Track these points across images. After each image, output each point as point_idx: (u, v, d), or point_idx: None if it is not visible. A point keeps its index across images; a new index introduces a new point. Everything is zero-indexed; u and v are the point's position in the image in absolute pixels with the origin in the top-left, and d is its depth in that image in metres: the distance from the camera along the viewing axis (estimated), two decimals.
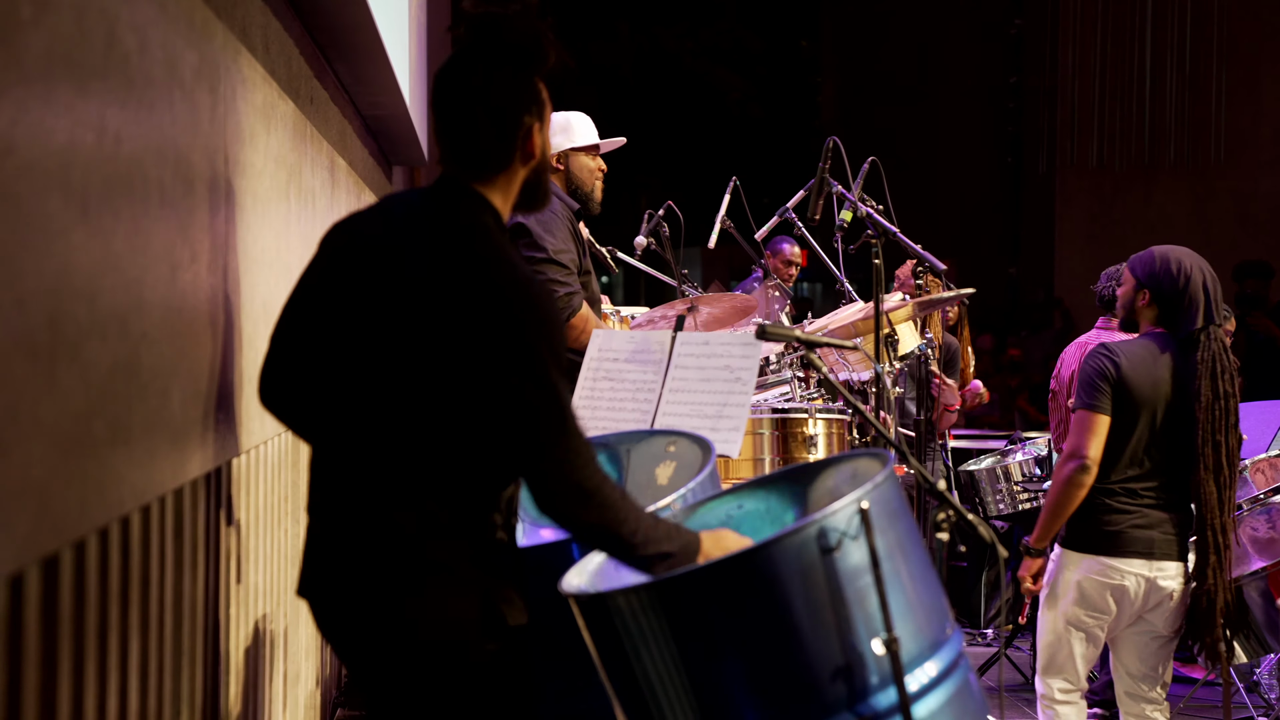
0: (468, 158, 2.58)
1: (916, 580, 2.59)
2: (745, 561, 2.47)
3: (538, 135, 2.60)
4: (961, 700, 2.59)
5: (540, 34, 2.57)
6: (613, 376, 3.53)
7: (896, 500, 2.60)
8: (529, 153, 2.60)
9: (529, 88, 2.58)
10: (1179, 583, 4.01)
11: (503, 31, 2.54)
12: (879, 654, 2.47)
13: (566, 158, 4.62)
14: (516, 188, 2.62)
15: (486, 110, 2.55)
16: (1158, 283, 4.03)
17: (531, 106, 2.58)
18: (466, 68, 2.56)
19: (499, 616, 2.50)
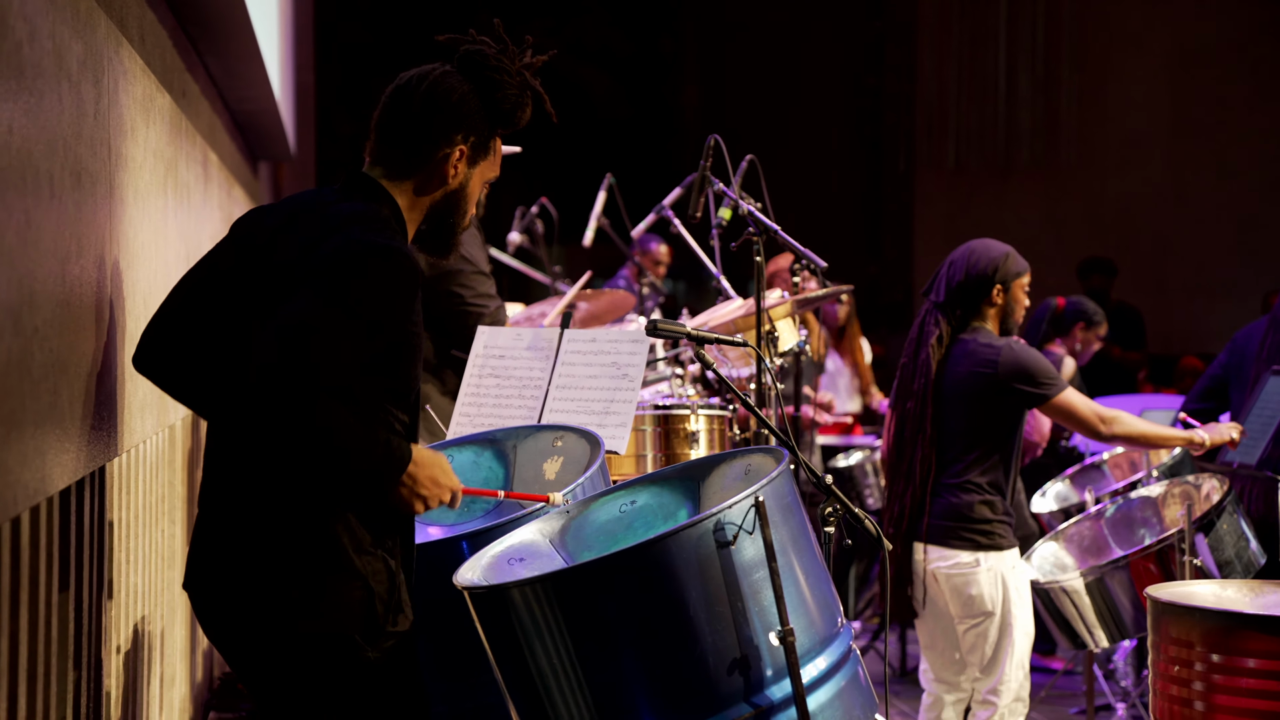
0: (384, 153, 2.61)
1: (809, 574, 2.63)
2: (642, 554, 2.49)
3: (459, 165, 2.61)
4: (852, 693, 2.64)
5: (522, 104, 2.63)
6: (499, 373, 3.52)
7: (790, 495, 2.64)
8: (443, 174, 2.60)
9: (473, 122, 2.60)
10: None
11: (491, 80, 2.59)
12: (774, 646, 2.50)
13: None
14: (424, 206, 2.63)
15: (417, 113, 2.59)
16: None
17: (465, 137, 2.60)
18: (427, 77, 2.60)
19: (385, 611, 2.49)
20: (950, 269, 4.28)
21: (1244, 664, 3.28)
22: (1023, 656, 4.15)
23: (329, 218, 2.52)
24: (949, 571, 4.14)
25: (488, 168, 2.68)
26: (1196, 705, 3.35)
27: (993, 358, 4.15)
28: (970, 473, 4.15)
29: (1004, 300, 4.23)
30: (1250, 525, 4.41)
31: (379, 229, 2.50)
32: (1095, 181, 14.14)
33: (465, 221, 2.69)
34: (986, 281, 4.22)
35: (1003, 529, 4.15)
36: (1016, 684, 4.14)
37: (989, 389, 4.14)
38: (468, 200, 2.67)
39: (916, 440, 4.25)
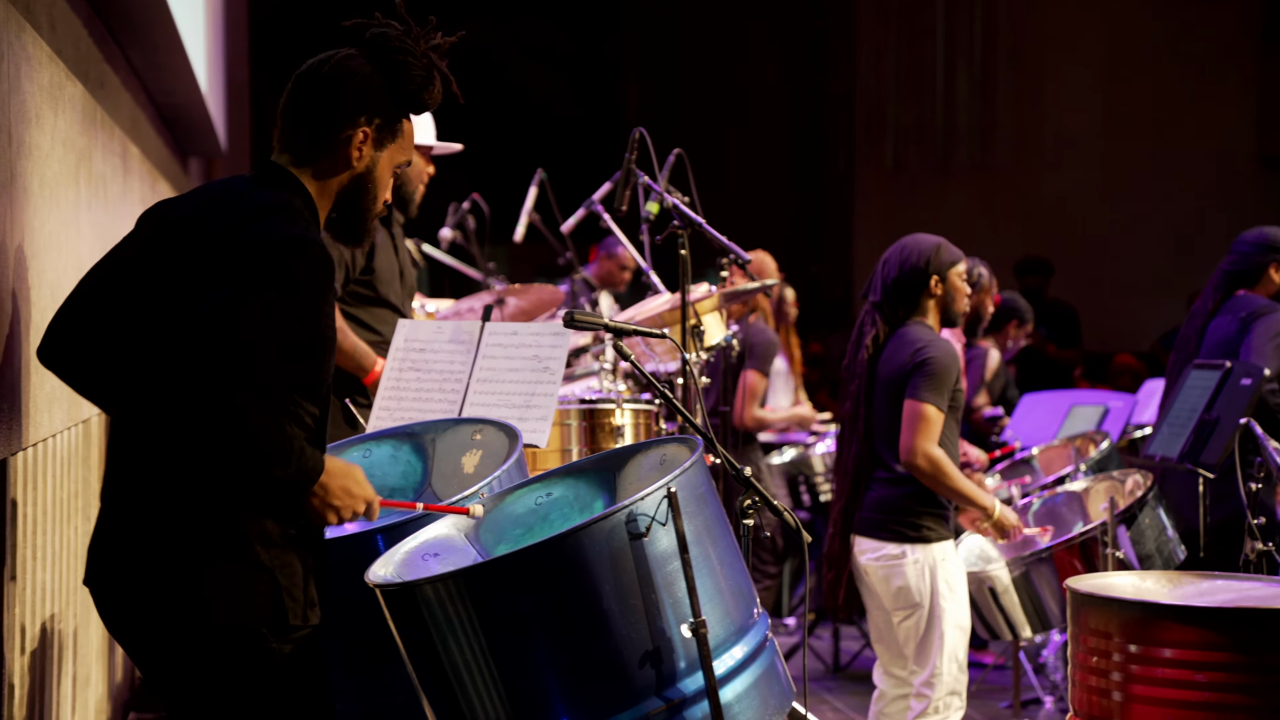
0: (289, 139, 2.57)
1: (724, 565, 2.61)
2: (554, 548, 2.47)
3: (364, 148, 2.57)
4: (768, 683, 2.63)
5: (427, 85, 2.59)
6: (419, 367, 3.49)
7: (704, 486, 2.62)
8: (346, 157, 2.57)
9: (377, 104, 2.57)
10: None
11: (395, 61, 2.56)
12: (687, 638, 2.49)
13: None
14: (333, 191, 2.60)
15: (319, 96, 2.56)
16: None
17: (370, 119, 2.57)
18: (330, 60, 2.58)
19: (294, 606, 2.45)
20: (885, 267, 4.28)
21: (1161, 654, 3.29)
22: (955, 649, 4.14)
23: (242, 209, 2.48)
24: (876, 563, 4.15)
25: (397, 151, 2.64)
26: (1114, 695, 3.36)
27: (913, 351, 4.15)
28: (900, 466, 4.15)
29: (943, 291, 4.22)
30: (1172, 519, 4.45)
31: (293, 220, 2.47)
32: (1032, 180, 14.25)
33: (377, 207, 2.65)
34: (921, 274, 4.21)
35: (932, 522, 4.14)
36: (950, 677, 4.13)
37: (902, 375, 4.15)
38: (377, 185, 2.63)
39: (853, 439, 4.26)
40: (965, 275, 4.30)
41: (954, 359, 4.17)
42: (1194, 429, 4.24)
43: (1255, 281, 4.94)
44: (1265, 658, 3.16)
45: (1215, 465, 4.11)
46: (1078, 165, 14.17)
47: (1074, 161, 14.17)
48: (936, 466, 4.07)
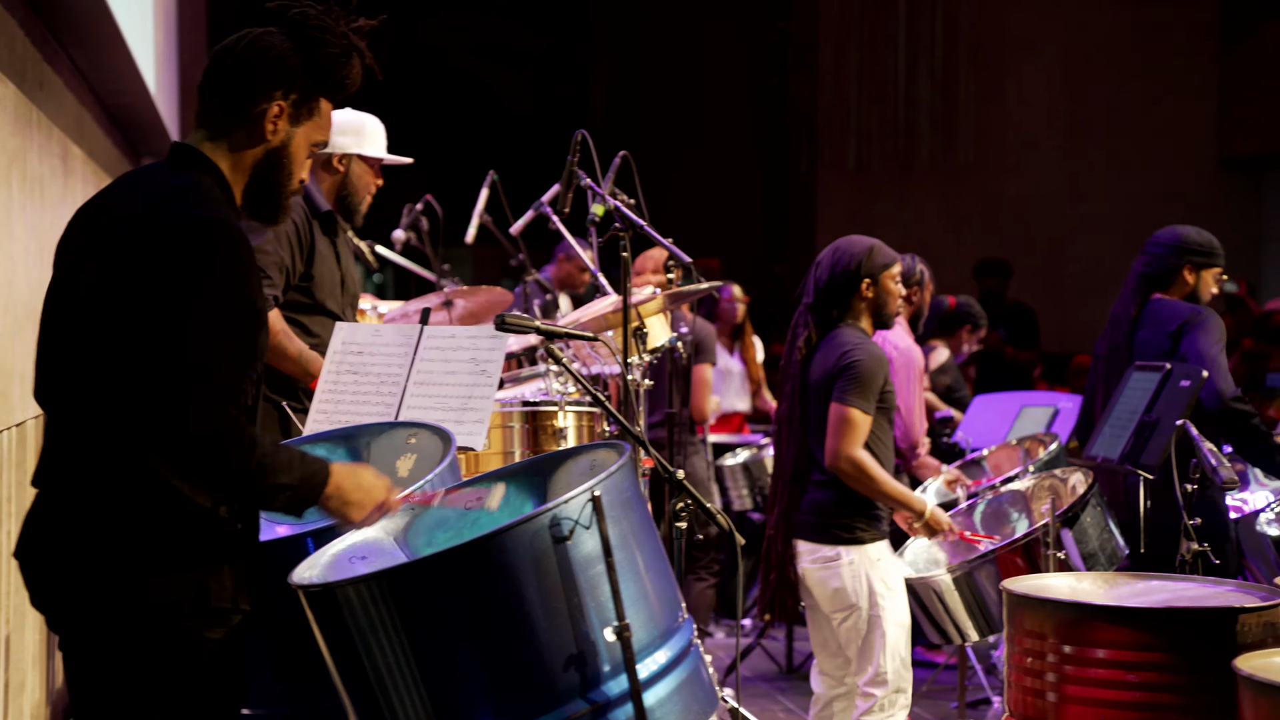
0: (206, 114, 2.58)
1: (649, 569, 2.62)
2: (476, 551, 2.47)
3: (279, 122, 2.58)
4: (691, 688, 2.63)
5: (344, 63, 2.61)
6: (356, 370, 3.48)
7: (631, 490, 2.62)
8: (260, 131, 2.57)
9: (293, 79, 2.58)
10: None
11: (312, 39, 2.58)
12: (611, 642, 2.49)
13: (350, 161, 4.41)
14: (247, 166, 2.60)
15: (233, 72, 2.56)
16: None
17: (285, 94, 2.57)
18: (247, 36, 2.59)
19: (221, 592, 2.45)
20: (817, 270, 4.30)
21: (1094, 654, 3.31)
22: (897, 648, 4.15)
23: (149, 194, 2.49)
24: (813, 565, 4.17)
25: (313, 129, 2.64)
26: (1049, 696, 3.38)
27: (839, 355, 4.17)
28: None
29: (875, 293, 4.25)
30: (1114, 518, 4.47)
31: (201, 200, 2.47)
32: (993, 182, 14.31)
33: (292, 184, 2.65)
34: (853, 277, 4.23)
35: (865, 522, 4.16)
36: (895, 675, 4.15)
37: (830, 378, 4.17)
38: (292, 161, 2.63)
39: (790, 441, 4.28)
40: (899, 278, 4.31)
41: (881, 362, 4.19)
42: (1134, 430, 4.26)
43: (1169, 283, 4.91)
44: (1194, 657, 3.18)
45: (1155, 466, 4.14)
46: (1039, 166, 14.24)
47: (1035, 163, 14.24)
48: (860, 470, 4.09)
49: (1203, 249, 4.91)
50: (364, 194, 4.44)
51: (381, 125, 4.50)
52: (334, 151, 4.34)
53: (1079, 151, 14.21)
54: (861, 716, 4.12)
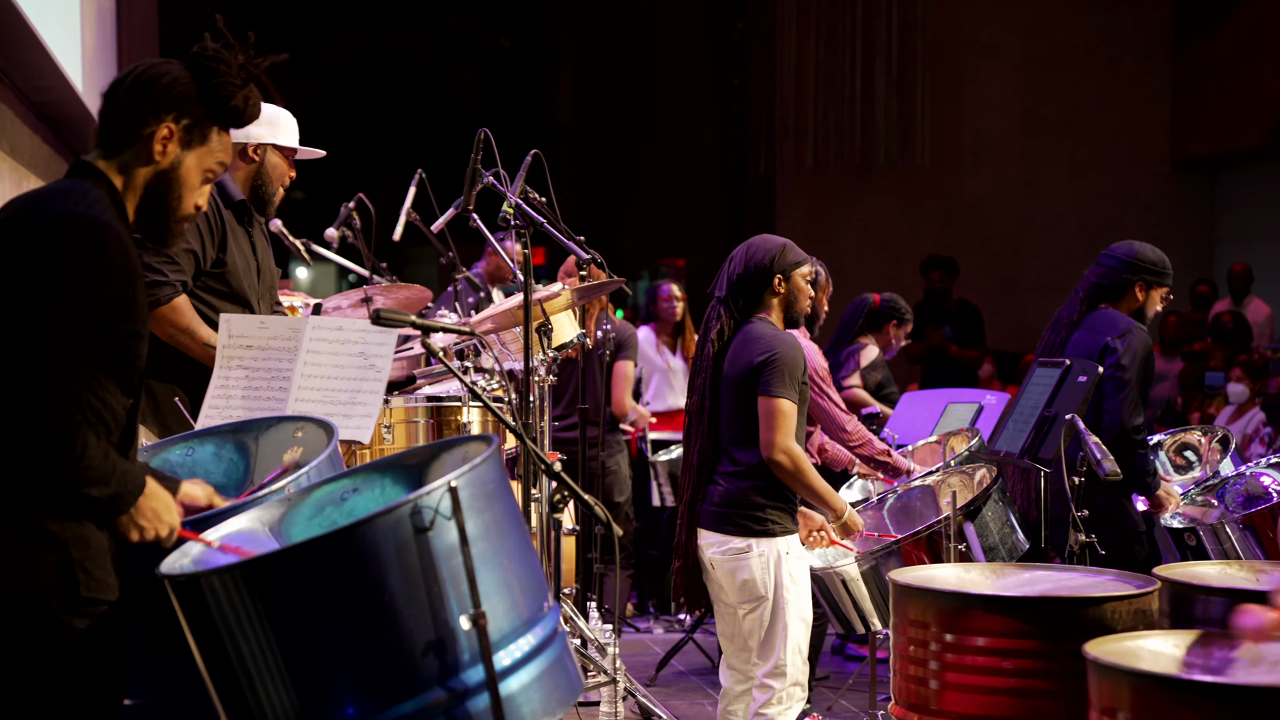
0: (101, 134, 2.68)
1: (513, 558, 2.67)
2: (339, 540, 2.52)
3: (169, 145, 2.68)
4: (554, 675, 2.68)
5: (238, 93, 2.72)
6: (246, 364, 3.53)
7: (496, 481, 2.68)
8: (149, 151, 2.67)
9: (185, 105, 2.68)
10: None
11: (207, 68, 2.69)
12: (469, 630, 2.54)
13: (264, 152, 4.47)
14: (139, 187, 2.70)
15: (128, 94, 2.68)
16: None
17: (177, 118, 2.68)
18: (147, 63, 2.71)
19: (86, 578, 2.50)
20: (731, 265, 4.36)
21: (974, 642, 3.39)
22: (799, 642, 4.21)
23: (33, 195, 2.58)
24: (722, 556, 4.22)
25: (205, 155, 2.74)
26: (931, 684, 3.45)
27: (761, 347, 4.22)
28: (746, 460, 4.22)
29: (786, 290, 4.30)
30: (1015, 512, 4.55)
31: (79, 200, 2.55)
32: (950, 182, 14.39)
33: (182, 208, 2.73)
34: (765, 273, 4.29)
35: (776, 515, 4.21)
36: (794, 669, 4.21)
37: (754, 377, 4.22)
38: (182, 185, 2.73)
39: (699, 433, 4.32)
40: (809, 277, 4.38)
41: (800, 352, 4.25)
42: (1034, 425, 4.34)
43: (1119, 297, 5.03)
44: (1066, 645, 3.25)
45: (1051, 461, 4.21)
46: (996, 166, 14.32)
47: (992, 162, 14.32)
48: (796, 462, 4.15)
49: (1156, 268, 5.03)
50: (278, 184, 4.50)
51: (294, 120, 4.57)
52: (249, 141, 4.40)
53: (1036, 152, 14.29)
54: (760, 709, 4.18)
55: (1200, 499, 5.01)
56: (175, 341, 3.85)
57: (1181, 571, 3.68)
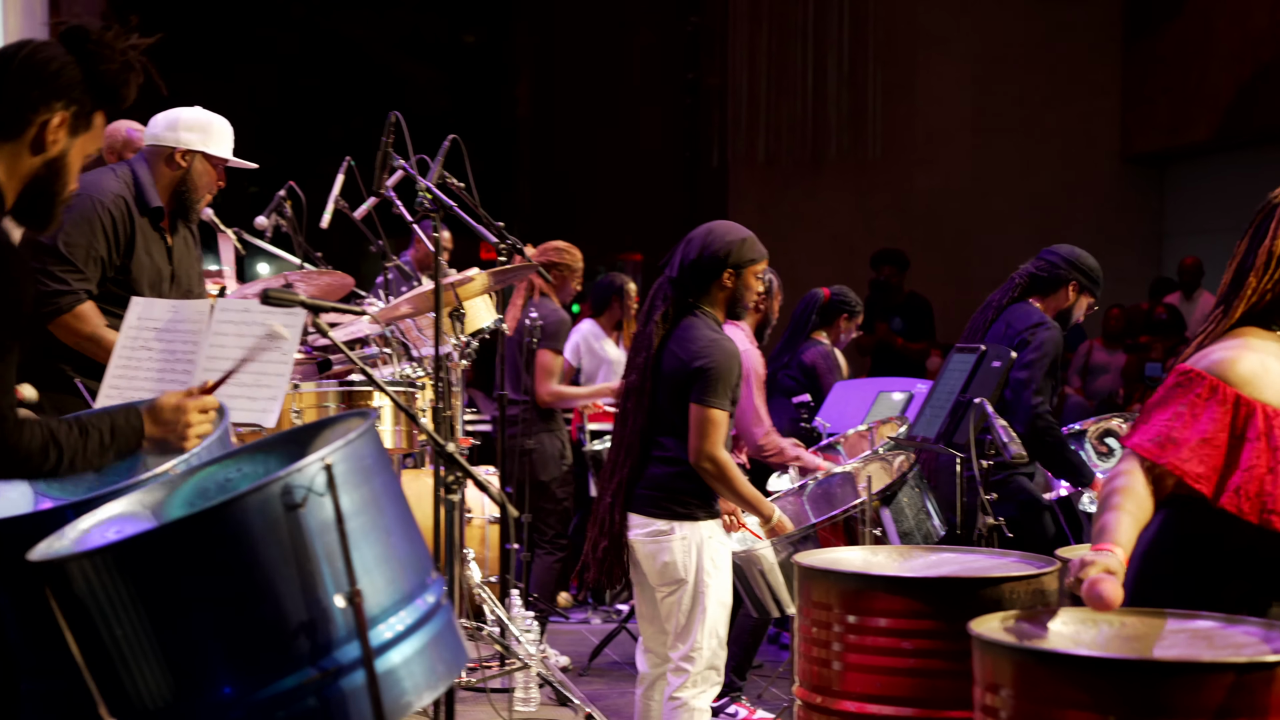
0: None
1: (392, 533, 2.65)
2: (209, 519, 2.50)
3: (59, 133, 2.65)
4: (436, 649, 2.67)
5: (123, 78, 2.68)
6: (150, 346, 3.50)
7: (372, 457, 2.66)
8: (41, 141, 2.64)
9: (74, 92, 2.65)
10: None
11: (91, 53, 2.65)
12: (343, 608, 2.53)
13: (193, 158, 4.42)
14: (22, 175, 2.66)
15: (15, 78, 2.62)
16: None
17: (66, 105, 2.64)
18: (27, 45, 2.66)
19: None
20: (687, 246, 4.30)
21: (876, 623, 3.39)
22: (716, 626, 4.21)
23: None
24: (644, 539, 4.21)
25: (88, 141, 2.74)
26: (834, 665, 3.45)
27: (694, 347, 4.19)
28: (674, 447, 4.21)
29: (734, 285, 4.25)
30: (932, 497, 4.56)
31: None
32: (902, 176, 14.43)
33: (65, 193, 2.72)
34: (718, 263, 4.23)
35: (700, 501, 4.20)
36: (710, 652, 4.20)
37: (688, 382, 4.19)
38: (67, 171, 2.71)
39: (636, 413, 4.30)
40: (761, 276, 4.35)
41: (736, 359, 4.22)
42: (950, 411, 4.35)
43: (1051, 292, 5.13)
44: (964, 625, 3.25)
45: (965, 445, 4.23)
46: (948, 161, 14.37)
47: (944, 157, 14.37)
48: (723, 470, 4.15)
49: (1093, 274, 5.14)
50: (204, 192, 4.46)
51: (230, 129, 4.52)
52: (178, 146, 4.36)
53: (987, 146, 14.35)
54: (675, 692, 4.18)
55: None
56: (82, 349, 3.85)
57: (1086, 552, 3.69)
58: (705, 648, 4.19)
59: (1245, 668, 2.46)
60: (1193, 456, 2.82)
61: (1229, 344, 2.87)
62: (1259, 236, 2.91)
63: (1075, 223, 14.32)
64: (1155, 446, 2.82)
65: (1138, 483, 2.83)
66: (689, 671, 4.18)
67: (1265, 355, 2.85)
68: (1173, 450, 2.82)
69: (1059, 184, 14.31)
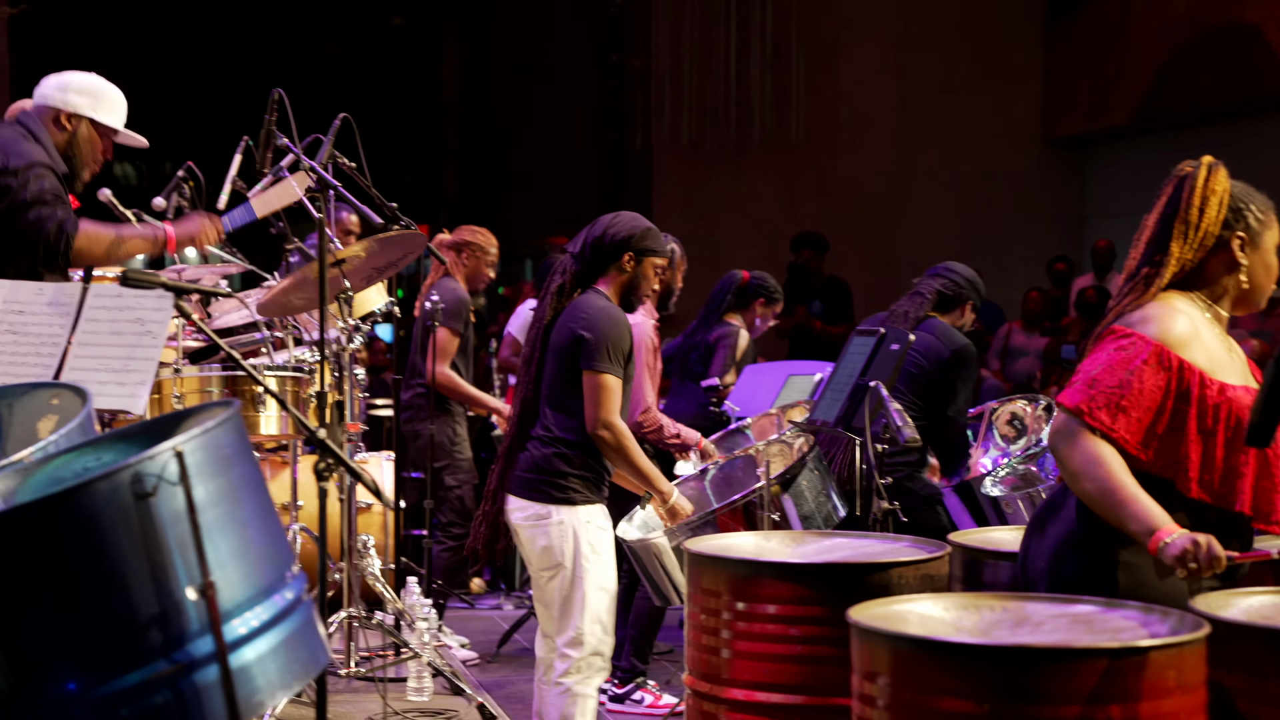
0: None
1: (250, 526, 2.56)
2: (53, 506, 2.40)
3: None
4: (293, 646, 2.58)
5: None
6: (16, 329, 3.39)
7: (232, 446, 2.57)
8: None
9: None
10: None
11: None
12: (196, 600, 2.44)
13: (79, 123, 4.27)
14: None
15: None
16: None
17: None
18: None
19: None
20: (593, 227, 4.28)
21: (765, 610, 3.34)
22: (598, 612, 4.12)
23: None
24: (524, 522, 4.15)
25: None
26: (723, 653, 3.40)
27: (586, 321, 4.13)
28: (556, 426, 4.14)
29: (633, 270, 4.21)
30: (833, 480, 4.52)
31: None
32: (826, 158, 14.40)
33: None
34: (619, 246, 4.20)
35: (580, 484, 4.13)
36: (594, 639, 4.12)
37: (576, 347, 4.13)
38: None
39: (527, 382, 4.23)
40: (660, 269, 4.31)
41: (625, 328, 4.17)
42: (849, 394, 4.31)
43: (950, 309, 5.30)
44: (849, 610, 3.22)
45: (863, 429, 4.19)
46: (872, 144, 14.36)
47: (868, 141, 14.36)
48: (620, 439, 4.09)
49: (982, 294, 5.43)
50: (88, 160, 4.32)
51: (124, 101, 4.37)
52: (63, 109, 4.22)
53: (910, 129, 14.37)
54: (559, 678, 4.12)
55: (1021, 467, 5.03)
56: (102, 258, 3.70)
57: (977, 538, 3.67)
58: (588, 634, 4.12)
59: (1117, 653, 2.44)
60: (1139, 428, 2.85)
61: (1161, 307, 2.93)
62: (1173, 208, 3.00)
63: (997, 206, 14.39)
64: (1108, 417, 2.83)
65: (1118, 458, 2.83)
66: (572, 658, 4.12)
67: (1193, 319, 2.93)
68: (1123, 420, 2.84)
69: (981, 167, 14.36)
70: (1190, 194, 2.98)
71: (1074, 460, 2.85)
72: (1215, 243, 2.98)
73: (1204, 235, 2.97)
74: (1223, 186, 2.99)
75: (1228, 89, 11.98)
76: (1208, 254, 2.98)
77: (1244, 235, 3.00)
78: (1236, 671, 2.56)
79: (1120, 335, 2.92)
